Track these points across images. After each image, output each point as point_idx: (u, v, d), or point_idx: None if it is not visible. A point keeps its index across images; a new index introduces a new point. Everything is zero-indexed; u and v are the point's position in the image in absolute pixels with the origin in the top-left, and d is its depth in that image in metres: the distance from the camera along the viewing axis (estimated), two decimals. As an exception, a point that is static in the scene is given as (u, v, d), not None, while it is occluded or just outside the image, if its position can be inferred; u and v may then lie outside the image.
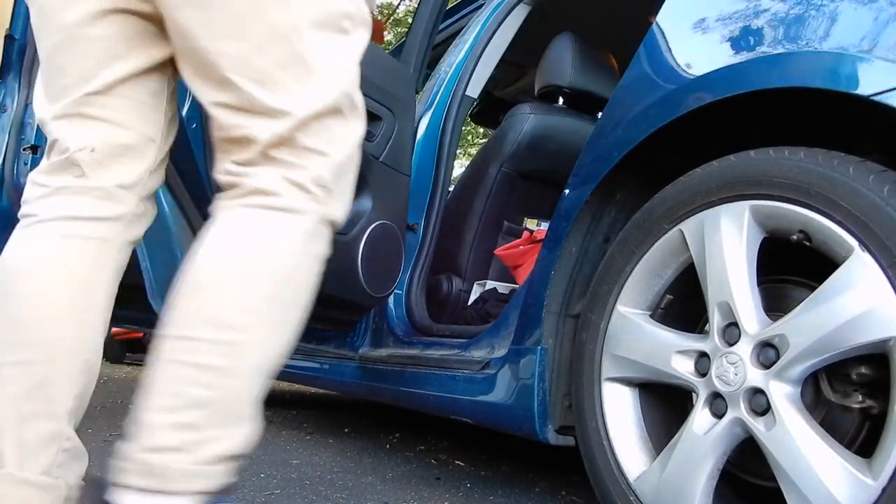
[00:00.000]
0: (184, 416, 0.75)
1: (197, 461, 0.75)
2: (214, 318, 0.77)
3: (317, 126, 0.82)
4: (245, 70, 0.80)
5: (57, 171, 0.88)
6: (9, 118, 2.33)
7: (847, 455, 0.86)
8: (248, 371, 0.78)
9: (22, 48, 2.33)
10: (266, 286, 0.79)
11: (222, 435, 0.77)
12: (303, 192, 0.82)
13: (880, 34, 0.91)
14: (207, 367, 0.76)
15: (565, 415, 1.30)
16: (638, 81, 1.23)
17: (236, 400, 0.78)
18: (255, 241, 0.80)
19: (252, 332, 0.78)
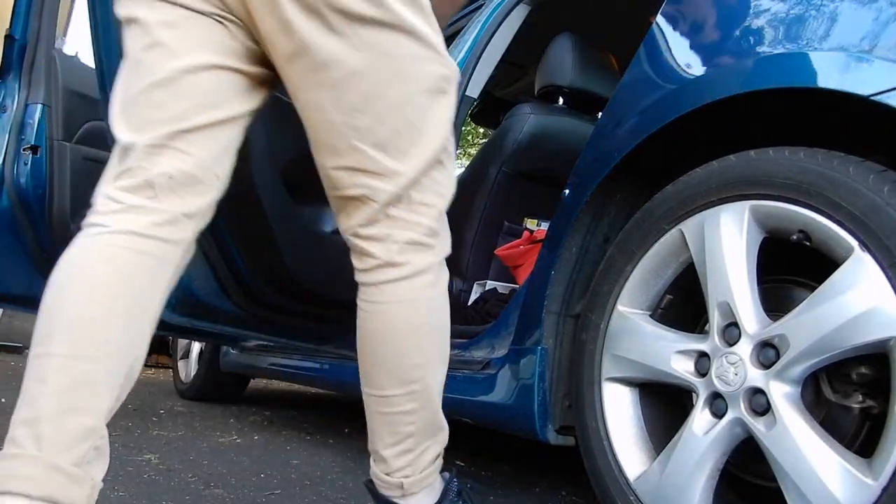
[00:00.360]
0: (403, 445, 1.05)
1: (419, 470, 1.06)
2: (400, 379, 1.03)
3: (425, 181, 0.98)
4: (369, 138, 0.95)
5: (133, 191, 0.97)
6: (9, 118, 2.33)
7: (847, 455, 0.86)
8: (431, 401, 1.05)
9: (22, 48, 2.32)
10: (424, 344, 1.03)
11: (430, 445, 1.07)
12: (421, 249, 1.00)
13: (880, 34, 0.91)
14: (407, 412, 1.04)
15: (565, 415, 1.30)
16: (638, 81, 1.23)
17: (431, 421, 1.06)
18: (406, 313, 1.01)
19: (426, 378, 1.04)
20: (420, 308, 1.01)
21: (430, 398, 1.05)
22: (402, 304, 1.01)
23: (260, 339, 2.05)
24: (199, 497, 1.42)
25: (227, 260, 1.64)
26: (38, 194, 2.33)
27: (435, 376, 1.05)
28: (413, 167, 0.97)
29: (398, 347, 1.02)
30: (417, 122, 0.97)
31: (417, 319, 1.01)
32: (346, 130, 0.96)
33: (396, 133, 0.96)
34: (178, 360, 3.56)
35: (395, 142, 0.96)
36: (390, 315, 1.01)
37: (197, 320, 1.64)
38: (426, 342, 1.03)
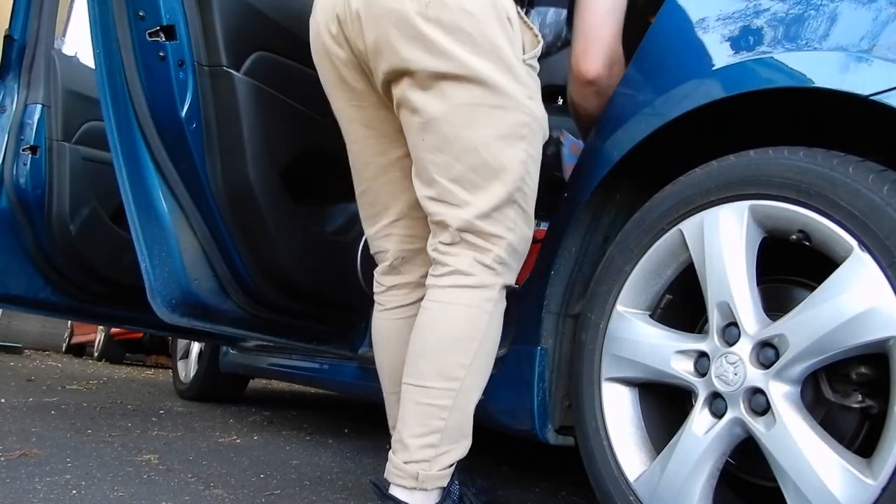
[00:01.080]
0: (429, 439, 1.11)
1: (439, 468, 1.12)
2: (443, 373, 1.12)
3: (496, 215, 1.13)
4: (446, 173, 1.13)
5: (388, 274, 1.35)
6: (8, 118, 2.33)
7: (847, 455, 0.86)
8: (466, 406, 1.13)
9: (21, 48, 2.33)
10: (473, 347, 1.13)
11: (452, 449, 1.13)
12: (488, 269, 1.14)
13: (880, 34, 0.91)
14: (442, 407, 1.11)
15: (565, 415, 1.30)
16: (637, 81, 1.23)
17: (460, 426, 1.14)
18: (464, 314, 1.14)
19: (467, 380, 1.13)
20: (478, 316, 1.13)
21: (466, 401, 1.13)
22: (463, 307, 1.14)
23: (259, 339, 2.04)
24: (198, 497, 1.42)
25: (226, 260, 1.64)
26: (38, 194, 2.33)
27: (476, 382, 1.14)
28: (485, 201, 1.12)
29: (450, 343, 1.13)
30: (492, 163, 1.11)
31: (473, 324, 1.13)
32: (429, 166, 1.15)
33: (472, 170, 1.12)
34: (178, 360, 3.56)
35: (470, 178, 1.12)
36: (450, 313, 1.14)
37: (196, 320, 1.64)
38: (476, 348, 1.13)
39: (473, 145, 1.11)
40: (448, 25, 1.09)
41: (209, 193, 1.55)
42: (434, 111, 1.12)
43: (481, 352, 1.14)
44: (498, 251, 1.14)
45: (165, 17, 1.47)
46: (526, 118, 1.13)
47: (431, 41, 1.09)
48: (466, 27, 1.09)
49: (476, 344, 1.13)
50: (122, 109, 1.55)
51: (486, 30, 1.10)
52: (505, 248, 1.14)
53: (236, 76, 1.52)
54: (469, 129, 1.11)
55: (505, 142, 1.11)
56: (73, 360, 7.41)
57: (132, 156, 1.55)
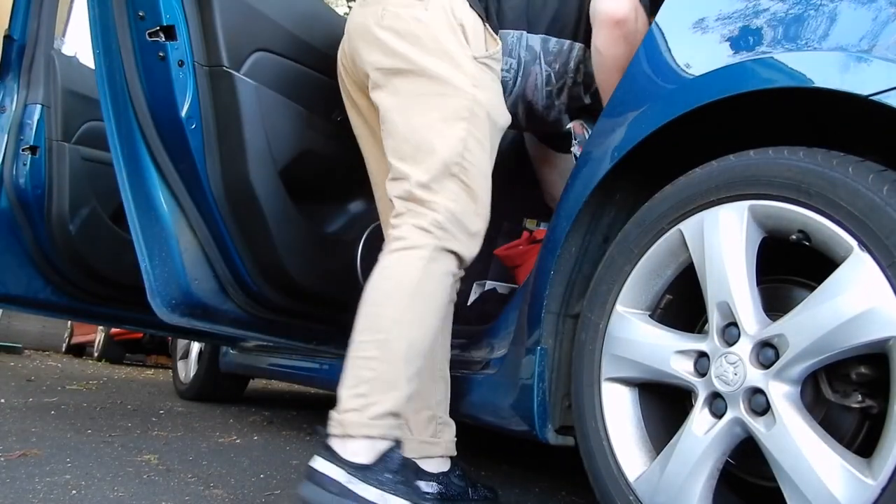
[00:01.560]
0: (358, 389, 1.16)
1: (368, 416, 1.14)
2: (372, 327, 1.20)
3: (435, 186, 1.24)
4: (395, 154, 1.29)
5: None
6: (8, 119, 2.33)
7: (847, 455, 0.86)
8: (394, 357, 1.18)
9: (21, 48, 2.32)
10: (402, 302, 1.20)
11: (381, 399, 1.15)
12: (422, 231, 1.23)
13: (879, 34, 0.91)
14: (369, 357, 1.18)
15: (565, 415, 1.30)
16: (638, 81, 1.23)
17: (389, 377, 1.17)
18: (395, 272, 1.23)
19: (393, 331, 1.19)
20: (407, 272, 1.22)
21: (393, 353, 1.18)
22: (394, 267, 1.23)
23: (259, 339, 2.04)
24: (198, 497, 1.42)
25: (226, 260, 1.64)
26: (37, 195, 2.33)
27: (404, 335, 1.19)
28: (423, 172, 1.24)
29: (381, 300, 1.22)
30: (431, 139, 1.26)
31: (401, 279, 1.22)
32: (387, 151, 1.31)
33: (415, 148, 1.27)
34: (178, 360, 3.56)
35: (413, 154, 1.27)
36: (385, 274, 1.23)
37: (196, 321, 1.64)
38: (405, 302, 1.20)
39: (416, 127, 1.27)
40: (400, 31, 1.30)
41: (209, 193, 1.55)
42: (388, 104, 1.31)
43: (410, 306, 1.20)
44: (435, 216, 1.23)
45: (165, 17, 1.47)
46: (468, 103, 1.27)
47: (384, 43, 1.30)
48: (416, 31, 1.29)
49: (405, 298, 1.20)
50: (121, 109, 1.55)
51: (435, 33, 1.29)
52: (443, 213, 1.23)
53: (236, 76, 1.52)
54: (414, 115, 1.27)
55: (445, 123, 1.26)
56: (73, 360, 7.41)
57: (132, 156, 1.55)
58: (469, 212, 1.27)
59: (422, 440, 1.44)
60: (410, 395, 1.21)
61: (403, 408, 1.19)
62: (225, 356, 3.01)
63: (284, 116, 1.66)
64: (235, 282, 1.67)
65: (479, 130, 1.28)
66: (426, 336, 1.23)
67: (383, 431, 1.16)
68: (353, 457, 1.13)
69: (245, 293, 1.69)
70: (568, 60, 1.53)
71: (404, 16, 1.30)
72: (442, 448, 1.45)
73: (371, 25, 1.33)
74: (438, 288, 1.24)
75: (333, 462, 1.13)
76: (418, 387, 1.25)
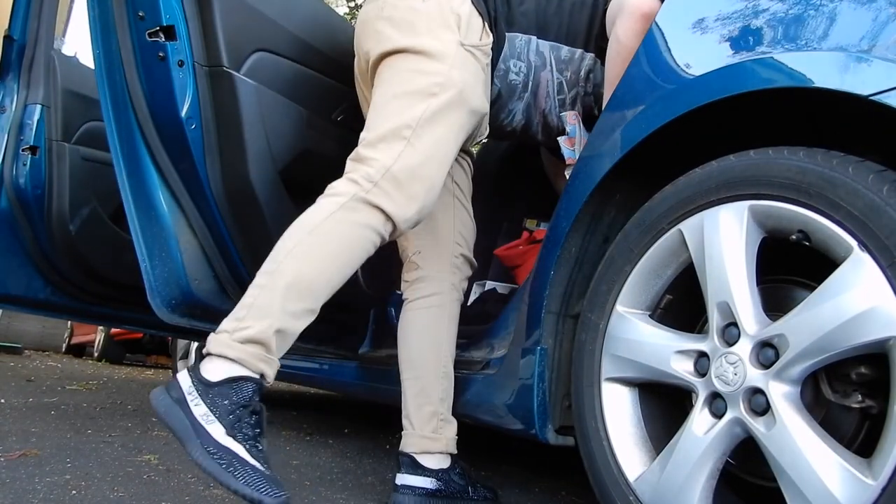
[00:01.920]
0: (237, 313, 1.18)
1: (232, 339, 1.15)
2: (270, 258, 1.22)
3: (381, 145, 1.28)
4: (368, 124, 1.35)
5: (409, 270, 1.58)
6: (8, 119, 2.33)
7: (847, 455, 0.86)
8: (276, 286, 1.18)
9: (21, 48, 2.32)
10: (299, 235, 1.23)
11: (252, 325, 1.16)
12: (351, 183, 1.27)
13: (879, 34, 0.91)
14: (257, 285, 1.20)
15: (565, 415, 1.30)
16: (637, 81, 1.23)
17: (266, 304, 1.17)
18: (305, 215, 1.27)
19: (284, 262, 1.20)
20: (315, 212, 1.26)
21: (276, 283, 1.19)
22: (308, 211, 1.27)
23: (259, 339, 2.04)
24: (198, 497, 1.42)
25: (226, 260, 1.64)
26: (37, 195, 2.33)
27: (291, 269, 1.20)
28: (373, 133, 1.30)
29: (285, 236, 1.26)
30: (394, 108, 1.31)
31: (308, 218, 1.26)
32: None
33: (379, 116, 1.32)
34: (178, 360, 3.57)
35: (374, 121, 1.32)
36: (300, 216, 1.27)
37: (196, 320, 1.64)
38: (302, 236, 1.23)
39: (386, 98, 1.33)
40: (395, 20, 1.36)
41: (209, 193, 1.55)
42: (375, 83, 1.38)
43: (305, 241, 1.21)
44: (367, 169, 1.26)
45: (165, 17, 1.47)
46: (441, 79, 1.32)
47: (380, 33, 1.37)
48: (409, 18, 1.35)
49: (304, 233, 1.22)
50: (121, 110, 1.55)
51: (426, 21, 1.35)
52: (377, 168, 1.26)
53: (236, 76, 1.52)
54: (388, 88, 1.34)
55: (413, 95, 1.31)
56: (73, 360, 7.41)
57: (132, 156, 1.55)
58: (409, 172, 1.27)
59: (422, 435, 1.44)
60: (287, 330, 1.18)
61: (274, 341, 1.16)
62: (225, 356, 3.01)
63: (284, 116, 1.66)
64: (235, 281, 1.67)
65: (446, 106, 1.32)
66: (319, 274, 1.21)
67: (242, 356, 1.14)
68: (206, 373, 1.13)
69: (245, 293, 1.69)
70: (579, 69, 1.55)
71: (401, 6, 1.37)
72: (442, 444, 1.45)
73: (372, 19, 1.40)
74: (345, 233, 1.23)
75: (189, 372, 1.14)
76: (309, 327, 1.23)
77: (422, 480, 1.41)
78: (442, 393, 1.47)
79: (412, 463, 1.43)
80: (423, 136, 1.29)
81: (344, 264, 1.25)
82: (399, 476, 1.44)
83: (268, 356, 1.17)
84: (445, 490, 1.42)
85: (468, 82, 1.36)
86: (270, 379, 1.18)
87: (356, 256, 1.26)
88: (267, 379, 1.18)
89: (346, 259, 1.25)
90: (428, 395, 1.46)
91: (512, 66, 1.50)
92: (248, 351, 1.14)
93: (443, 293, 1.53)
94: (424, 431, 1.45)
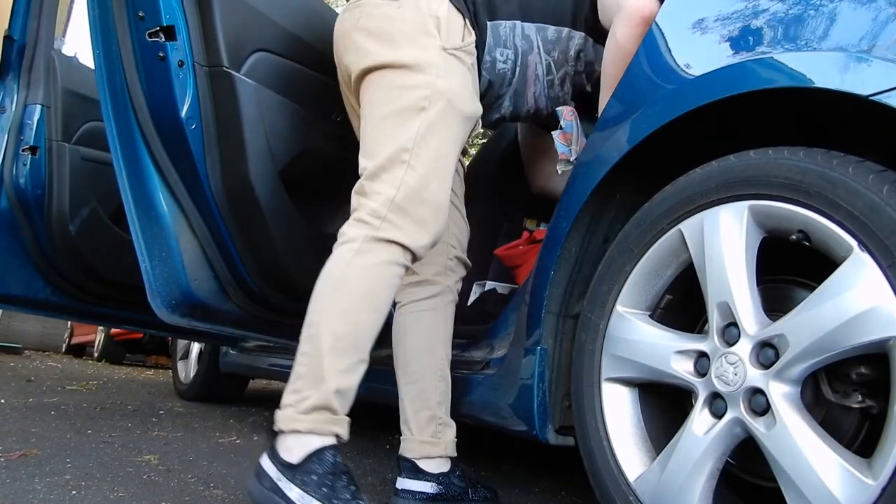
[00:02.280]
0: (294, 385, 1.20)
1: (298, 411, 1.18)
2: (306, 323, 1.22)
3: (384, 175, 1.26)
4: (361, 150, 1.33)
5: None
6: (8, 119, 2.32)
7: (847, 455, 0.86)
8: (321, 350, 1.18)
9: (21, 49, 2.32)
10: (327, 292, 1.23)
11: (312, 394, 1.18)
12: (360, 223, 1.25)
13: (879, 34, 0.91)
14: (303, 353, 1.21)
15: (565, 415, 1.30)
16: (637, 81, 1.23)
17: (316, 370, 1.18)
18: (326, 269, 1.26)
19: (321, 325, 1.20)
20: (335, 265, 1.24)
21: (319, 347, 1.18)
22: (328, 264, 1.25)
23: (259, 339, 2.05)
24: (198, 498, 1.42)
25: (226, 260, 1.64)
26: (37, 195, 2.33)
27: (330, 328, 1.19)
28: (373, 163, 1.27)
29: (314, 296, 1.24)
30: (387, 132, 1.28)
31: (330, 272, 1.24)
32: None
33: (375, 142, 1.29)
34: (178, 360, 3.56)
35: (370, 149, 1.30)
36: (323, 271, 1.26)
37: (196, 321, 1.64)
38: (329, 293, 1.22)
39: (376, 121, 1.30)
40: (372, 30, 1.33)
41: (209, 194, 1.55)
42: (362, 102, 1.35)
43: (335, 297, 1.22)
44: (374, 205, 1.24)
45: (165, 17, 1.47)
46: (428, 92, 1.29)
47: (359, 45, 1.34)
48: (387, 28, 1.32)
49: (330, 289, 1.22)
50: (121, 110, 1.55)
51: (404, 28, 1.31)
52: (382, 202, 1.24)
53: (236, 76, 1.52)
54: (376, 108, 1.31)
55: (403, 113, 1.28)
56: (73, 360, 7.40)
57: (132, 156, 1.55)
58: (414, 198, 1.25)
59: (422, 440, 1.44)
60: (344, 388, 1.19)
61: (336, 402, 1.18)
62: (225, 356, 3.01)
63: (284, 116, 1.66)
64: (235, 282, 1.67)
65: (438, 118, 1.29)
66: (356, 327, 1.21)
67: (312, 426, 1.16)
68: (285, 453, 1.16)
69: (245, 293, 1.69)
70: (567, 48, 1.52)
71: (377, 14, 1.33)
72: (442, 448, 1.45)
73: (349, 29, 1.37)
74: (368, 278, 1.23)
75: (270, 458, 1.17)
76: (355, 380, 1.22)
77: (422, 485, 1.41)
78: (439, 396, 1.46)
79: (412, 467, 1.43)
80: (421, 156, 1.26)
81: (377, 308, 1.24)
82: (399, 480, 1.44)
83: (335, 418, 1.19)
84: (446, 494, 1.42)
85: (456, 89, 1.33)
86: (345, 437, 1.21)
87: (386, 296, 1.26)
88: (342, 438, 1.20)
89: (378, 303, 1.24)
90: (425, 400, 1.45)
91: (499, 55, 1.47)
92: (317, 419, 1.17)
93: (437, 296, 1.52)
94: (423, 436, 1.44)
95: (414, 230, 1.25)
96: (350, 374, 1.20)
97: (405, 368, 1.48)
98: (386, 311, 1.27)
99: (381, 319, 1.26)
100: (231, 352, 2.96)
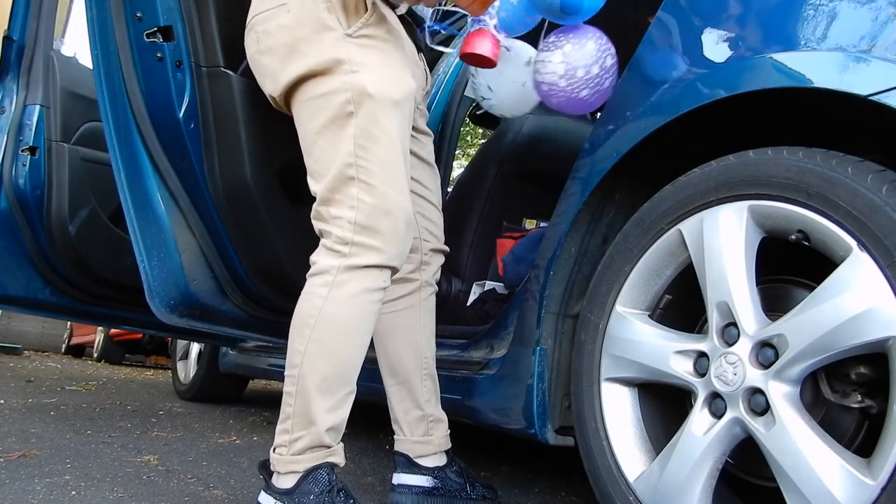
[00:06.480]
0: (283, 425, 1.19)
1: (292, 453, 1.17)
2: (289, 362, 1.20)
3: (338, 197, 1.19)
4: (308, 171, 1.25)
5: None
6: (7, 119, 2.32)
7: (846, 455, 0.86)
8: (308, 392, 1.17)
9: (20, 49, 2.32)
10: (307, 332, 1.18)
11: (303, 435, 1.17)
12: (331, 252, 1.19)
13: (879, 34, 0.91)
14: (289, 393, 1.19)
15: (565, 415, 1.30)
16: (637, 81, 1.23)
17: (305, 411, 1.17)
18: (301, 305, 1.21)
19: (304, 365, 1.17)
20: (310, 301, 1.19)
21: (305, 388, 1.16)
22: (302, 297, 1.21)
23: (258, 339, 2.04)
24: (198, 498, 1.42)
25: (224, 260, 1.64)
26: (37, 195, 2.33)
27: (314, 369, 1.17)
28: (323, 185, 1.21)
29: (293, 333, 1.20)
30: (324, 149, 1.21)
31: (306, 310, 1.19)
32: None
33: (316, 161, 1.23)
34: (177, 361, 3.56)
35: (315, 167, 1.23)
36: (298, 305, 1.21)
37: (195, 321, 1.64)
38: (309, 333, 1.17)
39: (310, 139, 1.23)
40: (274, 48, 1.24)
41: (207, 194, 1.55)
42: (296, 124, 1.27)
43: (315, 337, 1.17)
44: (339, 232, 1.18)
45: (163, 17, 1.47)
46: (350, 94, 1.19)
47: (269, 70, 1.26)
48: (285, 40, 1.22)
49: (309, 329, 1.18)
50: (120, 110, 1.55)
51: (302, 32, 1.21)
52: (346, 227, 1.18)
53: (234, 77, 1.52)
54: (305, 126, 1.24)
55: (333, 125, 1.19)
56: (73, 360, 7.40)
57: (130, 157, 1.55)
58: (375, 212, 1.18)
59: (414, 440, 1.44)
60: (335, 424, 1.19)
61: (328, 438, 1.18)
62: (224, 357, 3.01)
63: (282, 117, 1.66)
64: (234, 282, 1.66)
65: (370, 121, 1.19)
66: (341, 363, 1.18)
67: (308, 465, 1.17)
68: (281, 485, 1.17)
69: (243, 293, 1.69)
70: None
71: (271, 29, 1.24)
72: (435, 445, 1.45)
73: (254, 56, 1.29)
74: (348, 312, 1.18)
75: (267, 492, 1.19)
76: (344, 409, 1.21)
77: (418, 479, 1.42)
78: (427, 394, 1.46)
79: (408, 462, 1.43)
80: (367, 167, 1.18)
81: (361, 341, 1.21)
82: (396, 475, 1.44)
83: (329, 451, 1.19)
84: (442, 488, 1.42)
85: (376, 76, 1.21)
86: (342, 463, 1.21)
87: (369, 325, 1.22)
88: (338, 466, 1.20)
89: (361, 335, 1.21)
90: (414, 400, 1.44)
91: None
92: (311, 457, 1.17)
93: (414, 293, 1.49)
94: (415, 436, 1.44)
95: (385, 245, 1.19)
96: (340, 409, 1.19)
97: (390, 371, 1.47)
98: (369, 336, 1.23)
99: (366, 346, 1.23)
100: (230, 352, 2.96)
